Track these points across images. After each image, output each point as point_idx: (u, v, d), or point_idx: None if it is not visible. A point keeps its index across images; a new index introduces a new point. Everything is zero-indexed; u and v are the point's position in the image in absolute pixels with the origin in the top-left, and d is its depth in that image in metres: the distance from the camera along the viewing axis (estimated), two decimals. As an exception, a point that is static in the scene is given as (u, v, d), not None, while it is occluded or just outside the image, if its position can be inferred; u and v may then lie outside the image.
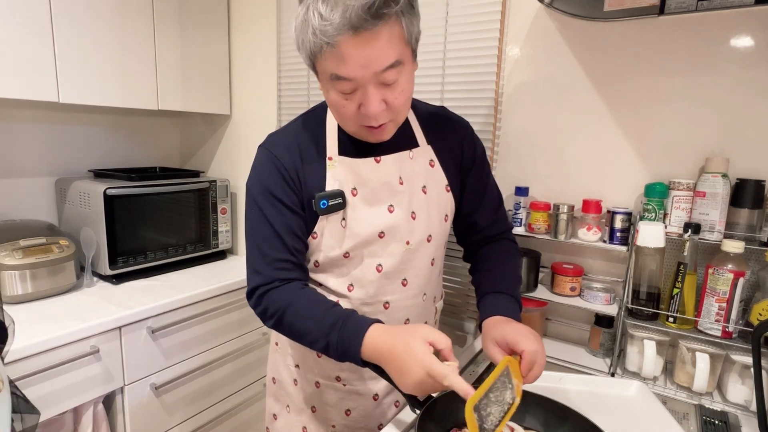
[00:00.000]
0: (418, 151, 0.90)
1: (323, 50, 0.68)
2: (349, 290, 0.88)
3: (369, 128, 0.77)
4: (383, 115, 0.74)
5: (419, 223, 0.89)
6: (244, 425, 1.75)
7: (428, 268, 0.94)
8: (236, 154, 1.92)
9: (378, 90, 0.71)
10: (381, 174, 0.86)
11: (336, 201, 0.82)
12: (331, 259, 0.87)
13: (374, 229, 0.85)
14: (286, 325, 0.80)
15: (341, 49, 0.66)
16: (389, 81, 0.71)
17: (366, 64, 0.67)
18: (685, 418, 0.90)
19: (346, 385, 0.94)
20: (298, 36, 0.72)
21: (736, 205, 1.00)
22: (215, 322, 1.57)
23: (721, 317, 0.95)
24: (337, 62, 0.68)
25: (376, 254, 0.87)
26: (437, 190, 0.92)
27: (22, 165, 1.60)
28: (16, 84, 1.29)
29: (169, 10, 1.62)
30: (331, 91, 0.74)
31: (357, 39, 0.65)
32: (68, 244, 1.43)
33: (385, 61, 0.68)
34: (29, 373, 1.10)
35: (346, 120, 0.78)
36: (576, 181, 1.24)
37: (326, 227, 0.84)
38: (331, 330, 0.74)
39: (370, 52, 0.67)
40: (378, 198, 0.86)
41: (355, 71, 0.68)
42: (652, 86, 1.11)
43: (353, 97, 0.73)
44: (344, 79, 0.69)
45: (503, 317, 0.82)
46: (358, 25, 0.64)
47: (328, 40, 0.66)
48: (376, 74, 0.69)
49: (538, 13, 1.22)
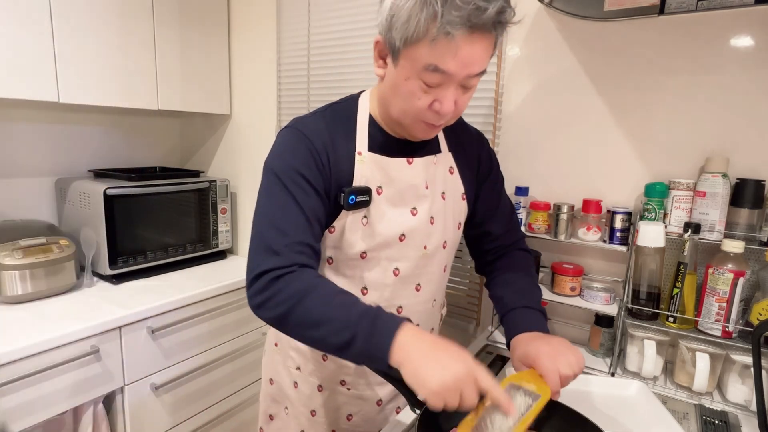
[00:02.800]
0: (441, 156, 0.90)
1: (436, 38, 0.65)
2: (363, 293, 0.86)
3: (429, 124, 0.76)
4: (449, 116, 0.74)
5: (437, 228, 0.88)
6: (244, 425, 1.75)
7: (441, 274, 0.94)
8: (236, 154, 1.92)
9: (457, 91, 0.72)
10: (410, 176, 0.84)
11: (363, 198, 0.80)
12: (348, 257, 0.84)
13: (396, 231, 0.83)
14: (299, 314, 0.69)
15: (457, 43, 0.65)
16: (471, 85, 0.72)
17: (469, 63, 0.68)
18: (685, 418, 0.90)
19: (350, 390, 0.93)
20: (401, 15, 0.66)
21: (736, 205, 0.99)
22: (215, 322, 1.57)
23: (721, 317, 0.95)
24: (443, 54, 0.66)
25: (394, 257, 0.85)
26: (454, 198, 0.91)
27: (22, 165, 1.60)
28: (16, 84, 1.29)
29: (169, 10, 1.62)
30: (412, 80, 0.71)
31: (474, 38, 0.65)
32: (68, 244, 1.43)
33: (481, 66, 0.69)
34: (29, 373, 1.10)
35: (409, 112, 0.75)
36: (576, 181, 1.24)
37: (347, 223, 0.81)
38: (361, 319, 0.66)
39: (478, 54, 0.67)
40: (403, 199, 0.84)
41: (457, 68, 0.67)
42: (652, 86, 1.11)
43: (432, 92, 0.71)
44: (442, 72, 0.68)
45: (528, 334, 0.80)
46: (483, 25, 0.64)
47: (449, 30, 0.63)
48: (468, 76, 0.69)
49: (538, 13, 1.22)
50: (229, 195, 1.86)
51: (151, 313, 1.36)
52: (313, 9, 1.62)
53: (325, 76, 1.63)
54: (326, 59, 1.61)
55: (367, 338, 0.65)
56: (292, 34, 1.69)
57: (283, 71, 1.73)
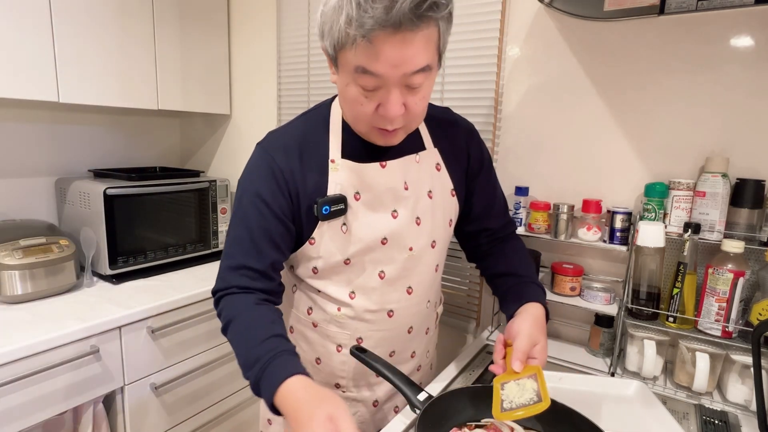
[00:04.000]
0: (424, 154, 0.88)
1: (355, 42, 0.64)
2: (351, 298, 0.86)
3: (381, 131, 0.75)
4: (400, 119, 0.72)
5: (424, 228, 0.87)
6: (244, 425, 1.75)
7: (433, 275, 0.93)
8: (236, 154, 1.92)
9: (401, 92, 0.69)
10: (386, 179, 0.83)
11: (338, 207, 0.80)
12: (331, 265, 0.84)
13: (377, 235, 0.83)
14: (228, 336, 0.78)
15: (376, 45, 0.63)
16: (415, 84, 0.69)
17: (399, 63, 0.65)
18: (685, 418, 0.90)
19: (345, 392, 0.93)
20: (326, 21, 0.67)
21: (736, 205, 0.99)
22: (215, 322, 1.57)
23: (721, 317, 0.95)
24: (368, 57, 0.65)
25: (379, 261, 0.85)
26: (443, 195, 0.90)
27: (22, 165, 1.60)
28: (16, 84, 1.28)
29: (169, 9, 1.62)
30: (351, 85, 0.70)
31: (395, 37, 0.62)
32: (68, 244, 1.43)
33: (418, 64, 0.66)
34: (29, 373, 1.10)
35: (359, 119, 0.75)
36: (576, 181, 1.24)
37: (326, 233, 0.82)
38: (255, 364, 0.70)
39: (405, 52, 0.64)
40: (382, 203, 0.83)
41: (386, 69, 0.65)
42: (652, 86, 1.11)
43: (374, 96, 0.70)
44: (371, 74, 0.66)
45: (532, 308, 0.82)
46: (401, 23, 0.61)
47: (364, 33, 0.62)
48: (405, 75, 0.66)
49: (538, 13, 1.22)
50: (229, 195, 1.86)
51: (151, 313, 1.36)
52: (313, 9, 1.62)
53: (325, 76, 1.63)
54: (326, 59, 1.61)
55: (256, 382, 0.70)
56: (292, 34, 1.69)
57: (283, 71, 1.73)
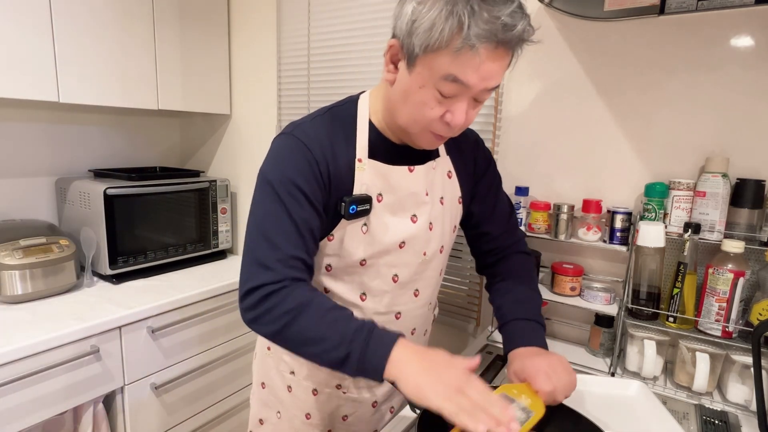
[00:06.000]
0: (439, 161, 0.89)
1: (460, 50, 0.63)
2: (361, 299, 0.85)
3: (437, 135, 0.75)
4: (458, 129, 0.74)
5: (435, 234, 0.88)
6: (244, 425, 1.75)
7: (437, 278, 0.94)
8: (236, 154, 1.92)
9: (469, 104, 0.71)
10: (410, 183, 0.83)
11: (364, 207, 0.79)
12: (347, 264, 0.83)
13: (396, 238, 0.83)
14: (295, 329, 0.69)
15: (481, 57, 0.64)
16: (483, 99, 0.72)
17: (488, 77, 0.67)
18: (685, 418, 0.90)
19: (346, 393, 0.93)
20: (423, 21, 0.64)
21: (736, 205, 0.99)
22: (215, 322, 1.57)
23: (721, 317, 0.95)
24: (464, 66, 0.65)
25: (393, 264, 0.84)
26: (452, 202, 0.91)
27: (22, 165, 1.60)
28: (16, 84, 1.28)
29: (169, 9, 1.62)
30: (427, 88, 0.69)
31: (497, 53, 0.65)
32: (68, 244, 1.43)
33: (497, 81, 0.69)
34: (29, 373, 1.10)
35: (419, 121, 0.73)
36: (576, 181, 1.24)
37: (346, 232, 0.80)
38: (355, 335, 0.67)
39: (496, 68, 0.67)
40: (403, 207, 0.83)
41: (476, 81, 0.66)
42: (652, 86, 1.11)
43: (445, 103, 0.70)
44: (460, 83, 0.67)
45: (528, 348, 0.81)
46: (508, 42, 0.64)
47: (476, 43, 0.62)
48: (484, 90, 0.69)
49: (538, 13, 1.22)
50: (229, 195, 1.86)
51: (151, 313, 1.36)
52: (313, 9, 1.62)
53: (325, 76, 1.63)
54: (326, 59, 1.61)
55: (361, 355, 0.66)
56: (292, 34, 1.69)
57: (283, 71, 1.73)
